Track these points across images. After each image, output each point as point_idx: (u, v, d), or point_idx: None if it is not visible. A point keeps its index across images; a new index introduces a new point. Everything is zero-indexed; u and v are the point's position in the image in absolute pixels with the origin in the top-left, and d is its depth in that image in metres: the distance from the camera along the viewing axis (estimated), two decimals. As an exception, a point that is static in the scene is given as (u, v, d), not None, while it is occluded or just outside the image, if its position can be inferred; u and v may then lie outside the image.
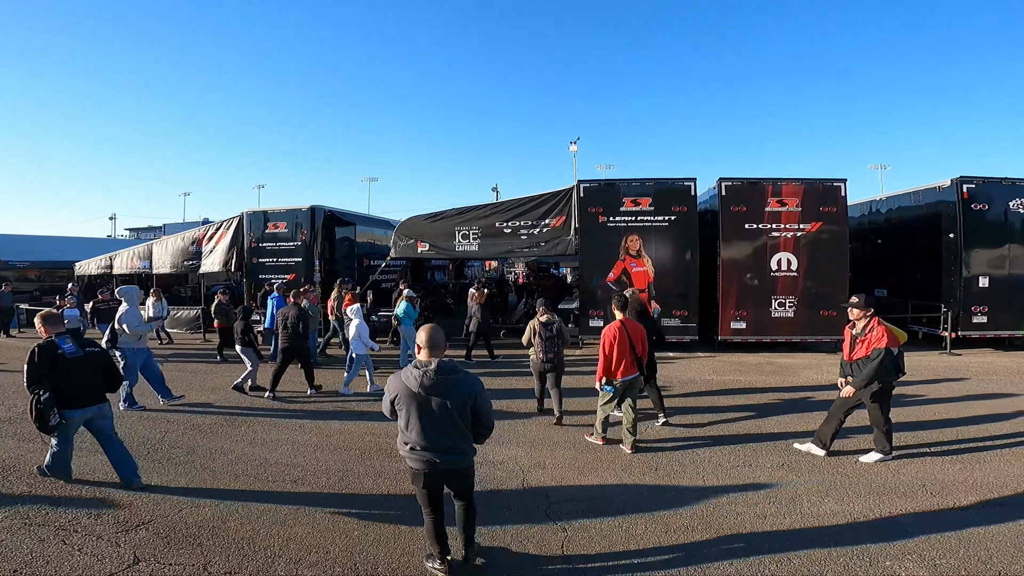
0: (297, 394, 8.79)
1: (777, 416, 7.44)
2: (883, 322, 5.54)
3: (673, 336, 12.21)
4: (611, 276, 12.19)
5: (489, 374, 9.86)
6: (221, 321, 12.01)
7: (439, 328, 3.37)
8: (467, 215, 12.74)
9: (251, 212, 15.67)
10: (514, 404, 7.98)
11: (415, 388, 3.14)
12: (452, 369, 3.19)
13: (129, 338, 7.74)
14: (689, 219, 12.10)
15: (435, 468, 3.26)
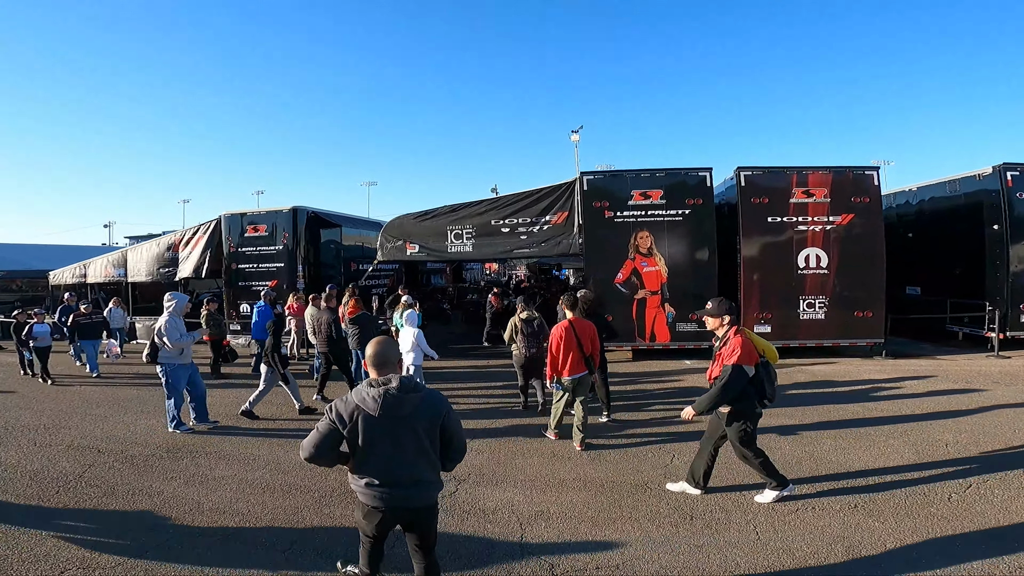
0: (279, 417, 7.65)
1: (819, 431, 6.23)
2: (742, 332, 4.49)
3: (689, 342, 11.02)
4: (620, 277, 11.00)
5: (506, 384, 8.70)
6: (212, 333, 10.83)
7: (391, 341, 2.94)
8: (460, 212, 11.57)
9: (229, 215, 14.59)
10: (514, 423, 6.84)
11: (373, 411, 2.59)
12: (415, 386, 2.69)
13: (170, 352, 6.84)
14: (705, 213, 10.91)
15: (397, 506, 2.70)
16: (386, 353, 2.81)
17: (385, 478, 2.65)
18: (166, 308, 6.96)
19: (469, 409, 7.90)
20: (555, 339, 5.87)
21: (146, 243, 16.44)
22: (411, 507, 2.72)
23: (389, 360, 2.80)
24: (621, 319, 10.94)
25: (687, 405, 4.65)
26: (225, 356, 11.14)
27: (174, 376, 6.91)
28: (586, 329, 6.00)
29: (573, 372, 5.88)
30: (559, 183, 11.47)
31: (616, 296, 10.95)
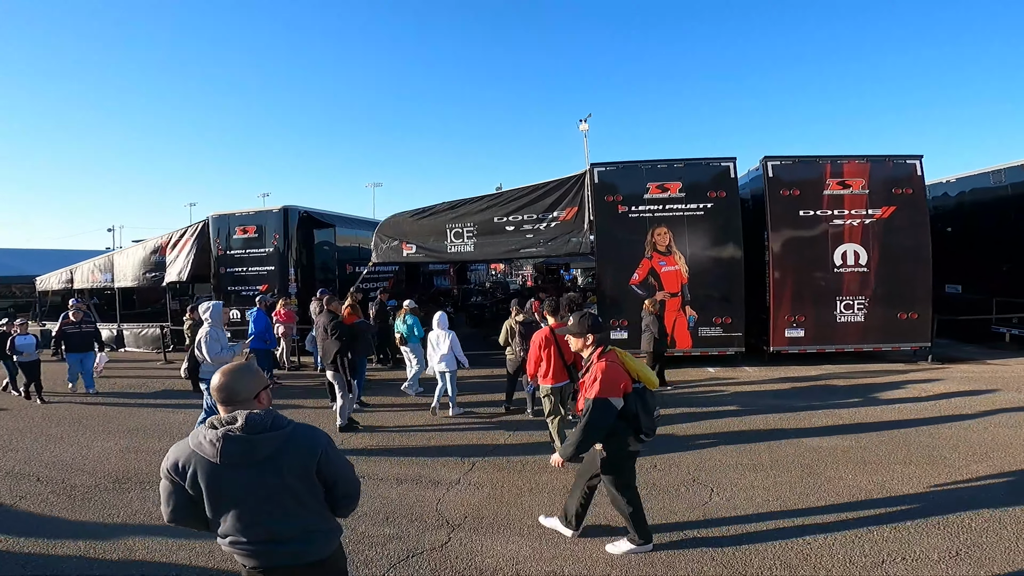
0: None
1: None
2: (610, 354, 3.66)
3: (713, 348, 10.03)
4: (636, 278, 10.02)
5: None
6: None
7: (246, 371, 2.19)
8: (460, 209, 10.65)
9: (216, 216, 13.78)
10: (520, 440, 5.90)
11: (212, 457, 2.01)
12: (274, 423, 2.09)
13: (213, 367, 6.07)
14: (729, 206, 9.92)
15: (280, 564, 2.13)
16: (235, 385, 2.14)
17: (254, 534, 2.10)
18: (205, 318, 6.26)
19: (469, 427, 6.98)
20: (534, 347, 5.71)
21: (132, 246, 15.65)
22: (299, 563, 2.16)
23: (238, 394, 2.14)
24: (637, 323, 9.97)
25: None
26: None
27: None
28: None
29: (556, 380, 5.64)
30: (567, 176, 10.52)
31: (631, 299, 9.98)
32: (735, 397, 8.21)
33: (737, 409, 7.48)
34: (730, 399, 8.10)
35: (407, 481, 5.29)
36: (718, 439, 6.36)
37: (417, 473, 5.54)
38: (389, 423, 7.24)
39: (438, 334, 7.63)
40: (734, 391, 8.50)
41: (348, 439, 6.55)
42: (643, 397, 3.62)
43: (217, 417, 2.10)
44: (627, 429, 3.59)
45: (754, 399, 8.03)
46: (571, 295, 7.51)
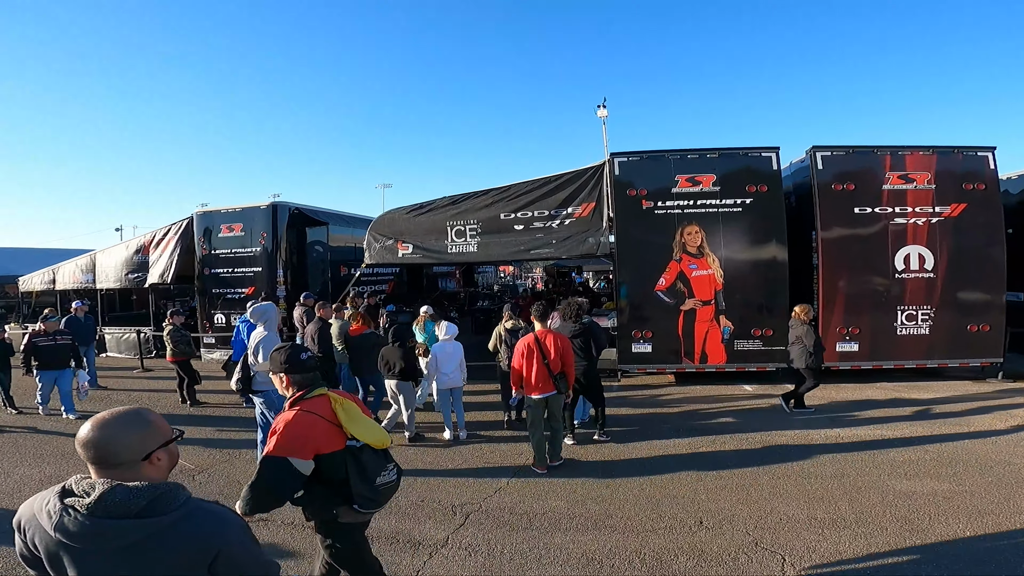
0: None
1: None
2: (307, 402, 2.70)
3: (751, 364, 8.73)
4: (662, 283, 8.74)
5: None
6: (178, 352, 8.75)
7: (134, 418, 1.55)
8: (462, 205, 9.45)
9: (201, 212, 12.73)
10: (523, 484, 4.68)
11: (49, 528, 1.47)
12: (151, 506, 1.46)
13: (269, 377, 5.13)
14: (771, 202, 8.61)
15: None
16: (110, 443, 1.49)
17: None
18: (260, 321, 5.52)
19: (461, 466, 5.75)
20: (516, 354, 5.46)
21: (115, 246, 14.64)
22: None
23: (116, 455, 1.50)
24: (663, 335, 8.73)
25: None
26: (192, 378, 9.01)
27: (279, 406, 5.18)
28: (557, 345, 5.35)
29: (542, 391, 5.34)
30: (583, 167, 9.28)
31: (657, 307, 8.71)
32: (782, 421, 6.96)
33: (790, 439, 6.22)
34: (777, 423, 6.85)
35: (378, 540, 4.06)
36: (774, 479, 5.15)
37: (394, 529, 4.34)
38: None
39: (444, 346, 6.64)
40: (780, 414, 7.23)
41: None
42: (358, 459, 2.66)
43: (78, 478, 1.55)
44: (334, 497, 2.66)
45: (806, 424, 6.77)
46: (579, 300, 6.65)
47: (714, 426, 6.92)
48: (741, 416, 7.28)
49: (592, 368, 6.25)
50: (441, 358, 6.60)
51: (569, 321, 6.22)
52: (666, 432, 6.64)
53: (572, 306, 6.26)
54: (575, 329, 6.14)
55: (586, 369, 6.13)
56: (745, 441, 6.26)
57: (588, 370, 6.17)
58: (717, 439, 6.33)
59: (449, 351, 6.65)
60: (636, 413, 7.53)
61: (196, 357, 8.99)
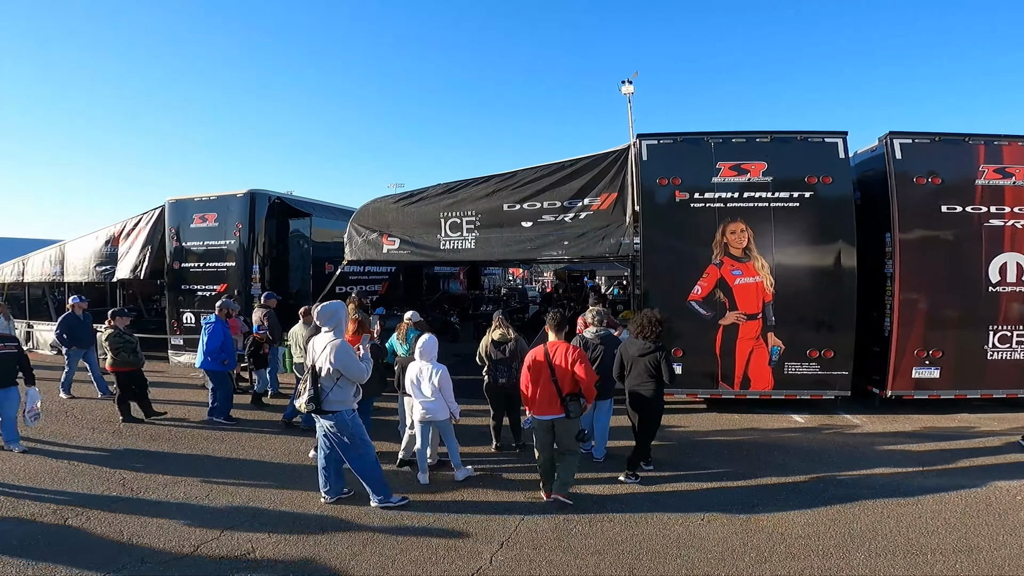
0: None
1: None
2: None
3: (804, 391, 7.21)
4: (697, 291, 7.21)
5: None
6: (119, 361, 7.36)
7: None
8: (459, 193, 7.97)
9: (174, 201, 11.43)
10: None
11: None
12: None
13: (348, 391, 4.52)
14: (837, 197, 7.07)
15: None
16: None
17: None
18: (328, 324, 4.51)
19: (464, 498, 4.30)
20: (524, 367, 4.87)
21: (85, 236, 13.38)
22: None
23: None
24: (696, 354, 7.22)
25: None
26: (134, 392, 7.64)
27: (358, 426, 4.58)
28: (567, 357, 4.64)
29: (544, 412, 4.69)
30: (604, 151, 7.78)
31: (689, 320, 7.18)
32: (858, 461, 5.66)
33: (872, 483, 4.83)
34: (855, 463, 5.60)
35: None
36: (844, 536, 3.74)
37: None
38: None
39: (420, 368, 5.21)
40: (853, 455, 5.87)
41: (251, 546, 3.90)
42: None
43: None
44: None
45: (887, 470, 5.42)
46: (655, 314, 5.39)
47: (765, 465, 5.61)
48: (799, 452, 5.96)
49: (660, 395, 5.22)
50: (411, 380, 5.24)
51: (642, 339, 5.18)
52: (703, 467, 5.55)
53: (650, 323, 5.15)
54: (645, 348, 5.12)
55: (653, 393, 5.14)
56: (810, 486, 4.90)
57: (656, 396, 5.16)
58: (769, 481, 5.14)
59: (414, 375, 5.22)
60: (663, 444, 6.09)
61: (140, 366, 7.56)
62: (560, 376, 4.57)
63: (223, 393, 7.48)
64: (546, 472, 4.77)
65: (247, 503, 4.74)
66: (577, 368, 4.55)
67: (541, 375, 4.64)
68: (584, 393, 4.61)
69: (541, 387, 4.64)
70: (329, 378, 4.38)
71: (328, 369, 4.35)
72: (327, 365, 4.35)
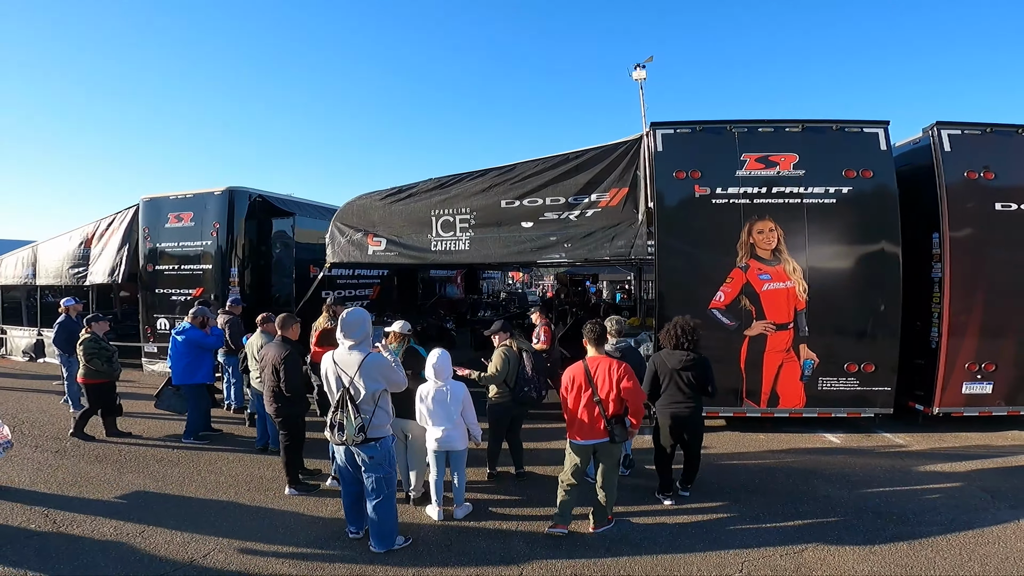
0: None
1: None
2: None
3: (840, 409, 6.45)
4: (720, 298, 6.43)
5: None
6: (93, 371, 6.66)
7: None
8: (451, 189, 7.19)
9: (148, 199, 10.66)
10: None
11: None
12: None
13: (387, 416, 3.97)
14: (879, 193, 6.31)
15: None
16: None
17: None
18: (350, 338, 3.84)
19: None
20: (562, 385, 4.28)
21: (58, 237, 12.60)
22: None
23: None
24: (718, 367, 6.31)
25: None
26: (109, 407, 6.88)
27: (391, 460, 3.96)
28: (610, 374, 4.07)
29: (586, 436, 4.16)
30: (613, 142, 7.01)
31: (711, 330, 6.37)
32: (913, 489, 4.98)
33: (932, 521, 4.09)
34: (911, 491, 4.92)
35: None
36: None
37: None
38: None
39: (433, 388, 4.50)
40: (906, 481, 5.19)
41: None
42: None
43: None
44: None
45: (950, 499, 4.72)
46: (689, 321, 4.92)
47: (805, 496, 4.91)
48: (842, 480, 5.23)
49: (700, 412, 4.82)
50: (420, 398, 4.49)
51: (681, 350, 4.73)
52: (732, 498, 4.84)
53: (684, 331, 4.72)
54: (688, 358, 4.66)
55: (693, 412, 4.72)
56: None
57: (695, 413, 4.75)
58: (812, 515, 4.43)
59: (424, 393, 4.49)
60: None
61: (115, 377, 6.83)
62: (604, 396, 4.10)
63: (198, 409, 6.75)
64: (565, 503, 4.27)
65: (190, 557, 3.92)
66: (624, 384, 4.05)
67: (582, 395, 4.18)
68: (632, 414, 4.13)
69: (582, 409, 4.18)
70: (369, 400, 3.76)
71: (368, 390, 3.73)
72: (365, 385, 3.73)
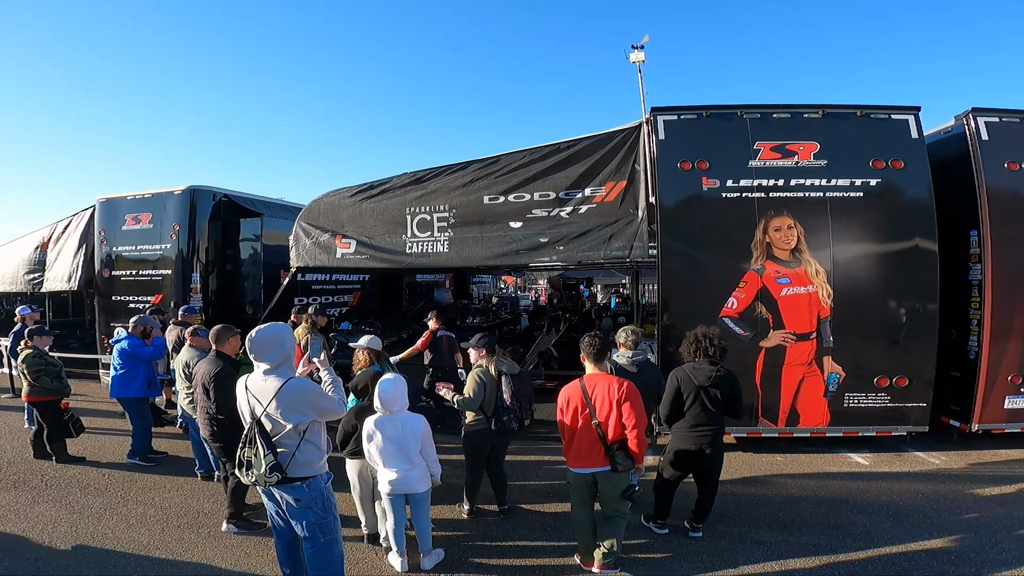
0: None
1: None
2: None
3: (868, 427, 5.71)
4: (732, 304, 5.68)
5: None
6: (39, 388, 5.98)
7: None
8: (428, 184, 6.42)
9: (104, 200, 9.85)
10: None
11: None
12: None
13: (319, 439, 3.16)
14: (913, 184, 5.59)
15: None
16: None
17: None
18: (263, 360, 3.01)
19: None
20: (558, 407, 3.79)
21: (15, 241, 11.76)
22: None
23: None
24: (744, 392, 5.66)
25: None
26: (65, 426, 6.11)
27: (325, 503, 3.13)
28: (609, 394, 3.55)
29: (585, 464, 3.66)
30: (609, 131, 6.27)
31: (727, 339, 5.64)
32: (967, 519, 4.36)
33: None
34: (964, 521, 4.32)
35: None
36: None
37: None
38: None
39: (385, 423, 3.67)
40: (955, 510, 4.54)
41: None
42: None
43: None
44: None
45: (1011, 531, 4.09)
46: (712, 330, 4.27)
47: (841, 532, 4.17)
48: (881, 510, 4.53)
49: (722, 437, 4.13)
50: (367, 436, 3.66)
51: (706, 360, 4.04)
52: (754, 538, 4.13)
53: (710, 341, 4.04)
54: (717, 373, 3.97)
55: (716, 437, 4.03)
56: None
57: (718, 439, 4.05)
58: (854, 558, 3.71)
59: (370, 429, 3.66)
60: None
61: (65, 394, 6.09)
62: (604, 418, 3.59)
63: (140, 427, 6.02)
64: (584, 537, 3.78)
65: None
66: (625, 409, 3.51)
67: (580, 418, 3.69)
68: (631, 443, 3.53)
69: (579, 433, 3.70)
70: (292, 433, 2.95)
71: (289, 422, 2.93)
72: (285, 416, 2.92)
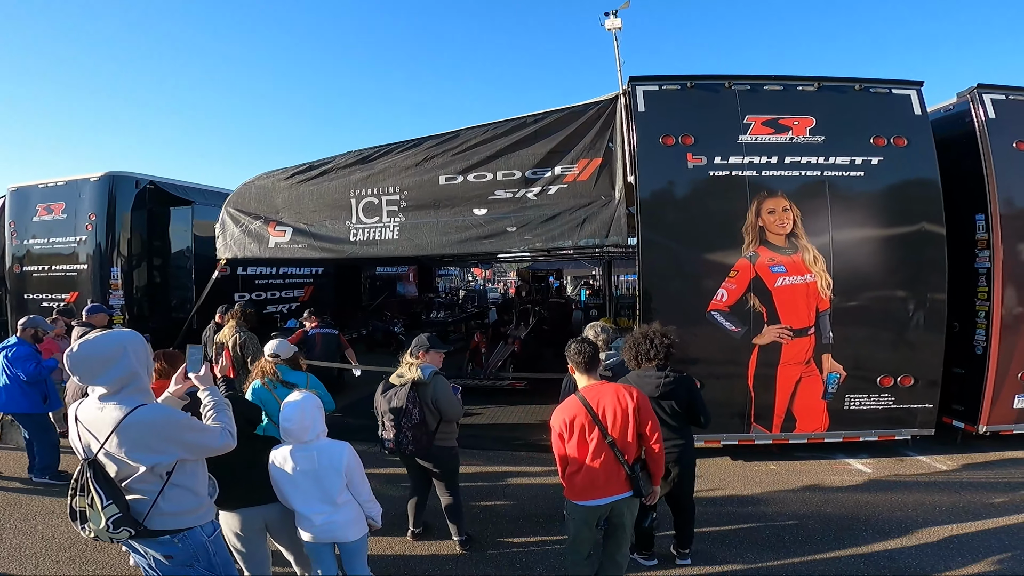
0: None
1: None
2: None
3: (870, 431, 5.21)
4: (722, 297, 5.06)
5: None
6: None
7: None
8: (376, 164, 5.57)
9: (14, 189, 8.71)
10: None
11: None
12: None
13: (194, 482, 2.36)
14: (917, 166, 5.06)
15: None
16: None
17: None
18: (95, 383, 2.19)
19: None
20: (555, 431, 3.03)
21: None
22: None
23: None
24: (719, 384, 5.12)
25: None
26: None
27: (222, 552, 2.45)
28: (620, 405, 2.89)
29: (599, 494, 2.92)
30: (582, 103, 5.54)
31: (710, 337, 5.04)
32: (991, 531, 3.98)
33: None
34: (988, 534, 3.93)
35: None
36: None
37: None
38: None
39: (295, 455, 2.79)
40: (975, 519, 4.16)
41: None
42: None
43: None
44: None
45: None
46: (661, 330, 3.57)
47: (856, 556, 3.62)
48: (893, 526, 4.08)
49: (690, 449, 3.60)
50: (281, 478, 2.78)
51: (651, 365, 3.48)
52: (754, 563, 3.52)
53: (652, 342, 3.44)
54: (665, 381, 3.42)
55: (682, 452, 3.53)
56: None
57: (684, 454, 3.55)
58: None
59: (280, 460, 2.79)
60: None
61: None
62: (618, 434, 2.90)
63: (44, 443, 5.21)
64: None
65: None
66: (643, 416, 2.92)
67: (589, 440, 2.97)
68: (649, 459, 2.97)
69: (591, 457, 2.96)
70: (147, 476, 2.19)
71: (142, 464, 2.17)
72: (132, 457, 2.15)
